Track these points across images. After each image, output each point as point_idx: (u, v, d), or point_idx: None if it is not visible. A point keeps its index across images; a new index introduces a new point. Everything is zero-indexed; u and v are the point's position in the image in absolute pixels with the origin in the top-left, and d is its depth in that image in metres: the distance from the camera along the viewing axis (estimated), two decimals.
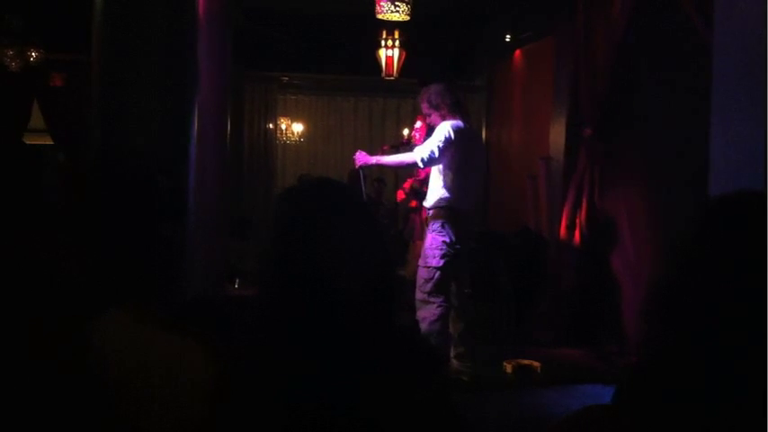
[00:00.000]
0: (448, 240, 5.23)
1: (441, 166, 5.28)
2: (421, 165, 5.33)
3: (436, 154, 5.20)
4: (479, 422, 4.34)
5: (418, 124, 6.06)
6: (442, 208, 5.28)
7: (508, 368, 5.48)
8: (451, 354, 5.41)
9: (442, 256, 5.21)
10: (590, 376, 5.32)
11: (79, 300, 1.69)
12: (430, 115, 5.45)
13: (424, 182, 5.63)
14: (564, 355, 5.98)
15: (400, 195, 6.17)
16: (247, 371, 1.42)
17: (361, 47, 8.70)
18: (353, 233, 1.47)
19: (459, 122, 5.32)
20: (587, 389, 5.10)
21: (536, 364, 5.52)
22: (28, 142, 5.17)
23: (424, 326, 5.25)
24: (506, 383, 5.39)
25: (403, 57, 8.48)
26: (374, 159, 5.62)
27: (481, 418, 4.48)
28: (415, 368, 1.44)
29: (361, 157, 5.53)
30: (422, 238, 5.99)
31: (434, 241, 5.25)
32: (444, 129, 5.26)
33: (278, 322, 1.43)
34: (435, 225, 5.28)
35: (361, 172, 5.69)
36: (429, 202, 5.37)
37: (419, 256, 5.97)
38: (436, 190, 5.32)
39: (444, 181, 5.28)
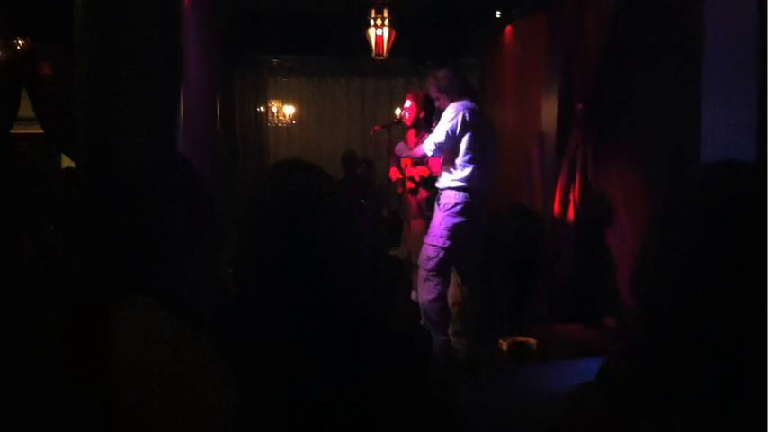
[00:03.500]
0: (458, 222, 5.22)
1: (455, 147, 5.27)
2: (429, 154, 5.32)
3: (443, 139, 5.19)
4: (475, 400, 4.35)
5: (408, 103, 6.01)
6: (455, 189, 5.27)
7: (504, 346, 5.48)
8: (449, 331, 5.42)
9: (449, 237, 5.21)
10: (587, 351, 5.32)
11: (83, 290, 1.64)
12: (439, 99, 5.44)
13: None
14: (561, 331, 5.99)
15: (394, 173, 6.11)
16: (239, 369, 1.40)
17: (350, 28, 8.64)
18: (325, 219, 1.44)
19: (467, 103, 5.31)
20: (584, 364, 5.10)
21: (532, 340, 5.52)
22: (17, 132, 5.14)
23: (422, 302, 5.27)
24: (502, 360, 5.40)
25: (393, 36, 8.42)
26: (405, 152, 5.69)
27: (477, 395, 4.48)
28: (402, 365, 1.42)
29: (399, 149, 5.66)
30: (417, 218, 5.98)
31: (444, 221, 5.24)
32: (450, 111, 5.24)
33: (260, 315, 1.41)
34: (447, 205, 5.26)
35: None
36: (442, 182, 5.35)
37: (413, 236, 5.96)
38: (450, 170, 5.30)
39: (458, 161, 5.26)
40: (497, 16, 8.87)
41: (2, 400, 1.43)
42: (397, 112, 9.28)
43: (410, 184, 5.96)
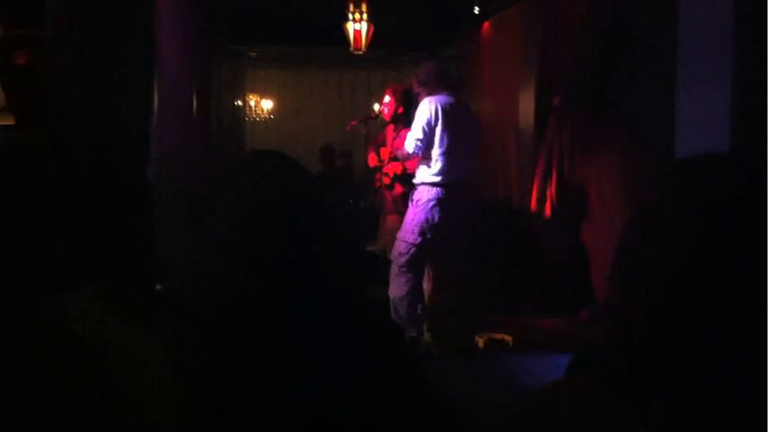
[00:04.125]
0: (430, 218, 5.21)
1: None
2: (411, 151, 5.29)
3: (421, 135, 5.19)
4: (449, 392, 4.35)
5: (387, 99, 5.97)
6: (429, 184, 5.26)
7: (480, 342, 5.48)
8: (424, 327, 5.41)
9: (420, 233, 5.20)
10: (565, 346, 5.32)
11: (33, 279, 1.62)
12: (419, 93, 5.43)
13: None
14: (541, 325, 6.00)
15: (372, 160, 6.05)
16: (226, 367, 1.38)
17: (329, 19, 8.60)
18: (299, 211, 1.42)
19: (442, 96, 5.29)
20: (561, 359, 5.11)
21: (508, 337, 5.52)
22: None
23: (391, 298, 5.26)
24: (478, 356, 5.41)
25: (371, 30, 8.40)
26: (398, 153, 5.63)
27: (450, 387, 4.49)
28: (389, 360, 1.41)
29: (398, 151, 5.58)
30: (393, 213, 5.96)
31: (416, 217, 5.23)
32: (423, 106, 5.25)
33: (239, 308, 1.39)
34: (419, 201, 5.26)
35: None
36: (417, 178, 5.35)
37: (388, 231, 5.94)
38: (426, 164, 5.30)
39: (433, 154, 5.26)
40: (476, 12, 8.86)
41: None
42: (376, 107, 9.26)
43: (386, 180, 5.93)
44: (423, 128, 5.18)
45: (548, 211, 6.39)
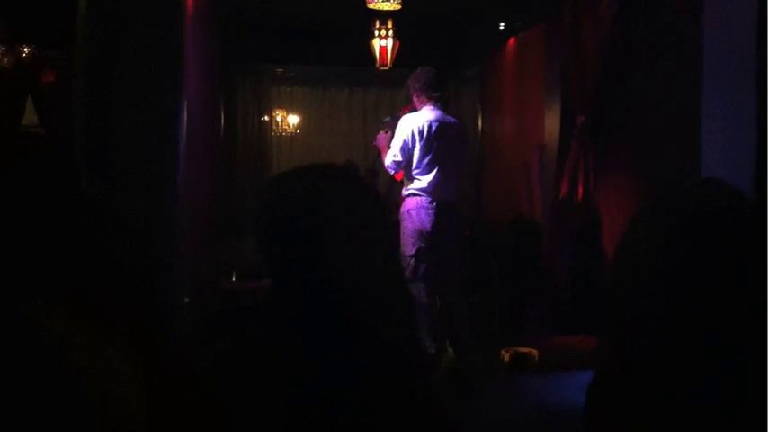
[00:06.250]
0: (419, 227, 5.24)
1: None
2: (387, 168, 5.37)
3: (400, 156, 5.25)
4: (474, 411, 4.34)
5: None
6: (413, 196, 5.31)
7: (506, 357, 5.47)
8: (447, 342, 5.42)
9: (414, 244, 5.23)
10: (588, 364, 5.29)
11: None
12: (412, 96, 5.51)
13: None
14: (562, 343, 5.97)
15: (400, 175, 6.09)
16: (246, 369, 1.38)
17: (353, 38, 8.65)
18: (354, 223, 1.40)
19: (426, 111, 5.33)
20: (585, 376, 5.08)
21: (534, 351, 5.52)
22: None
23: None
24: (503, 371, 5.39)
25: (397, 47, 8.44)
26: (382, 147, 5.63)
27: (476, 406, 4.48)
28: (403, 370, 1.41)
29: (381, 141, 5.58)
30: None
31: (406, 229, 5.28)
32: (403, 125, 5.31)
33: (276, 319, 1.39)
34: (406, 213, 5.31)
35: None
36: (403, 191, 5.42)
37: None
38: (408, 179, 5.36)
39: (412, 172, 5.31)
40: (500, 28, 8.88)
41: None
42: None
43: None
44: (401, 147, 5.25)
45: (570, 226, 6.37)
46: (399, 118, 5.69)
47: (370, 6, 7.31)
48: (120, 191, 2.95)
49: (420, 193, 5.27)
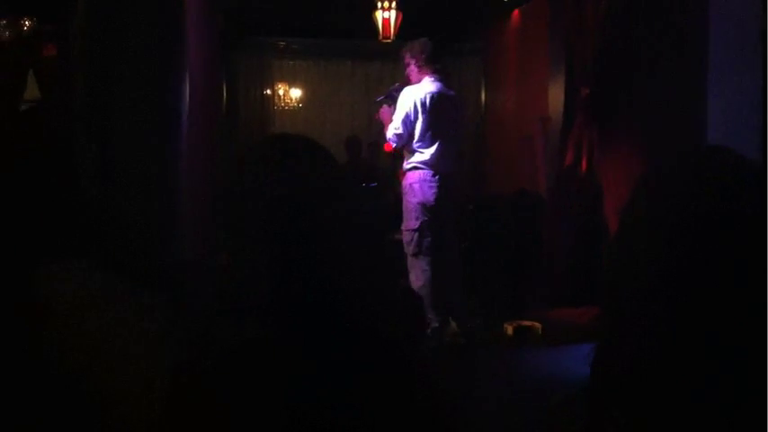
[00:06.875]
0: (422, 201, 5.24)
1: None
2: (389, 141, 5.35)
3: (401, 129, 5.23)
4: (476, 383, 4.36)
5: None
6: (415, 169, 5.30)
7: (509, 330, 5.49)
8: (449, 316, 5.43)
9: (417, 218, 5.23)
10: (591, 336, 5.30)
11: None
12: (409, 65, 5.49)
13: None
14: (565, 315, 5.98)
15: (388, 146, 6.05)
16: (244, 366, 1.36)
17: (356, 10, 8.60)
18: (329, 205, 1.39)
19: (426, 83, 5.31)
20: (588, 349, 5.08)
21: (537, 324, 5.54)
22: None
23: (415, 289, 5.28)
24: (506, 344, 5.41)
25: (399, 18, 8.39)
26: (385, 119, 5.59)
27: (478, 379, 4.50)
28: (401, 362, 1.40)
29: (384, 115, 5.54)
30: None
31: (409, 204, 5.28)
32: (401, 99, 5.30)
33: (276, 319, 1.37)
34: (408, 187, 5.30)
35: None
36: (404, 165, 5.40)
37: None
38: (409, 153, 5.35)
39: (414, 145, 5.29)
40: (504, 1, 8.82)
41: None
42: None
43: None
44: (403, 120, 5.22)
45: (573, 199, 6.36)
46: (392, 94, 5.70)
47: None
48: (121, 191, 2.95)
49: (422, 166, 5.26)
